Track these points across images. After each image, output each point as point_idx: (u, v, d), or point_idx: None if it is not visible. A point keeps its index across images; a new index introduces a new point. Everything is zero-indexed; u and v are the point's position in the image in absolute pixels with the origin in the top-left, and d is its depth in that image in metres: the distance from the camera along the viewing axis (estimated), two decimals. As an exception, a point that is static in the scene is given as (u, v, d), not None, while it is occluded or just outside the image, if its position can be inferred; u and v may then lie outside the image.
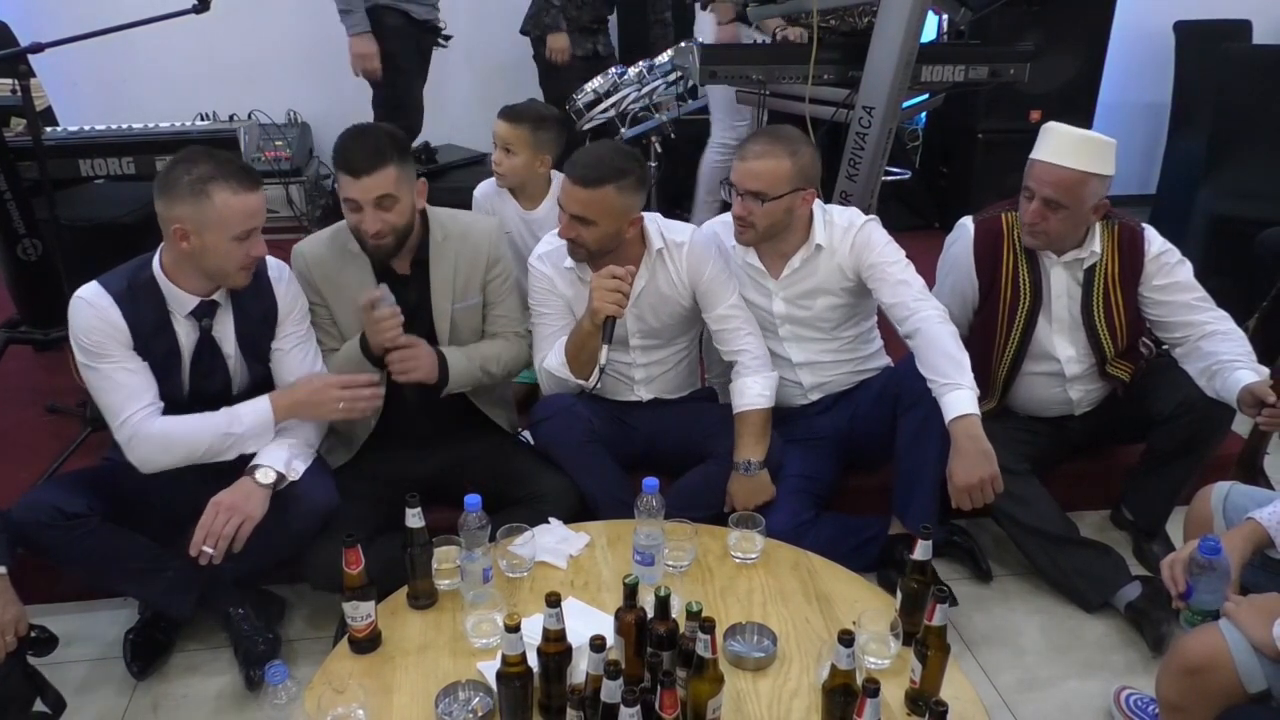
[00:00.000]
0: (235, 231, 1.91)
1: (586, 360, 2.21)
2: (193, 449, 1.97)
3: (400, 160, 2.06)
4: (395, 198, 2.06)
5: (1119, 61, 4.57)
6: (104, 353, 1.94)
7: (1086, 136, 2.19)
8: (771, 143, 2.19)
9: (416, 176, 2.14)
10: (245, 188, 1.91)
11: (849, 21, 3.27)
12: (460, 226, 2.26)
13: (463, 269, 2.24)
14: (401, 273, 2.22)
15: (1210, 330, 2.25)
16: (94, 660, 2.20)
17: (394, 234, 2.09)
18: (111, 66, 4.44)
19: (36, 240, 2.84)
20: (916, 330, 2.16)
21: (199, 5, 2.63)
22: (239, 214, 1.90)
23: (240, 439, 1.99)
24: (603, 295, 2.10)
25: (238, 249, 1.93)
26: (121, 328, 1.95)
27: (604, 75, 3.32)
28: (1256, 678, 1.53)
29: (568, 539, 1.99)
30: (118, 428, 1.95)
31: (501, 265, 2.29)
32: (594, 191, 2.10)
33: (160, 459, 1.97)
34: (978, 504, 2.05)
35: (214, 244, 1.91)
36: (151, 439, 1.95)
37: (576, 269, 2.28)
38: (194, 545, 1.91)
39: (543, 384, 2.36)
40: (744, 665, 1.66)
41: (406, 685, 1.63)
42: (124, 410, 1.94)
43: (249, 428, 1.99)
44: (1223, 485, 1.92)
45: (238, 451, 2.00)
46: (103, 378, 1.95)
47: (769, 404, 2.28)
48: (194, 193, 1.87)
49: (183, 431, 1.97)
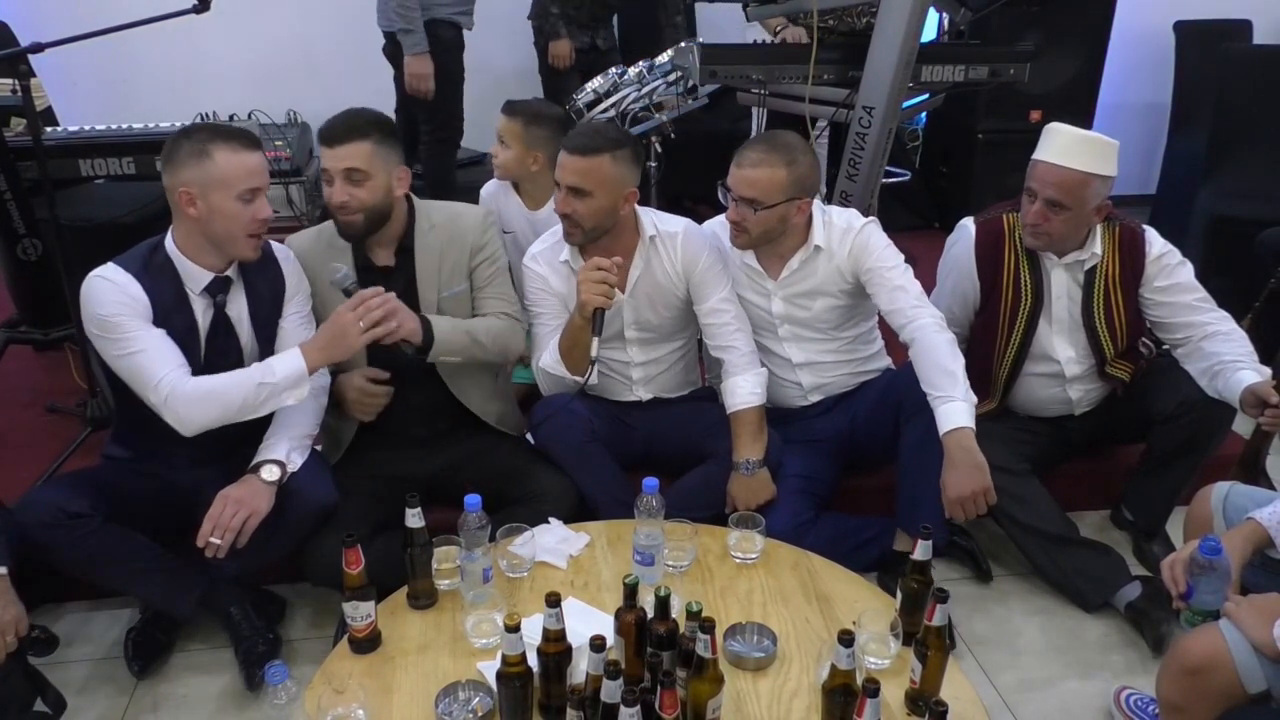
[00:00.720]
0: (238, 189, 1.93)
1: (580, 355, 2.21)
2: (229, 403, 1.95)
3: (379, 139, 2.08)
4: (367, 174, 2.06)
5: (1119, 61, 4.57)
6: (126, 326, 1.94)
7: (1089, 137, 2.19)
8: (769, 151, 2.18)
9: (400, 164, 2.14)
10: (245, 147, 1.95)
11: (847, 21, 3.27)
12: (446, 216, 2.26)
13: (449, 256, 2.23)
14: (384, 264, 2.22)
15: (1212, 331, 2.25)
16: (95, 660, 2.20)
17: (363, 212, 2.10)
18: (112, 66, 4.44)
19: (36, 240, 2.85)
20: (913, 339, 2.16)
21: (199, 5, 2.62)
22: (241, 171, 1.93)
23: (275, 389, 1.97)
24: (590, 287, 2.10)
25: (243, 211, 1.94)
26: (142, 300, 1.96)
27: (604, 75, 3.32)
28: (1257, 678, 1.53)
29: (568, 539, 1.99)
30: (154, 390, 1.93)
31: (488, 250, 2.28)
32: (590, 160, 2.12)
33: (198, 415, 1.95)
34: (970, 516, 2.06)
35: (219, 204, 1.93)
36: (189, 395, 1.93)
37: (570, 262, 2.28)
38: (201, 536, 1.91)
39: (541, 384, 2.37)
40: (744, 665, 1.66)
41: (406, 685, 1.63)
42: (157, 373, 1.93)
43: (283, 378, 1.97)
44: (1223, 485, 1.92)
45: (274, 404, 1.99)
46: (129, 349, 1.94)
47: (761, 401, 2.28)
48: (197, 155, 1.91)
49: (219, 386, 1.96)
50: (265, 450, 2.04)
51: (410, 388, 2.26)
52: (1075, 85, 4.26)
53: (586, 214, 2.16)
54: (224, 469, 2.03)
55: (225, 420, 1.97)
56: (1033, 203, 2.21)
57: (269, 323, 2.12)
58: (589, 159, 2.12)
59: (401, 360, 2.17)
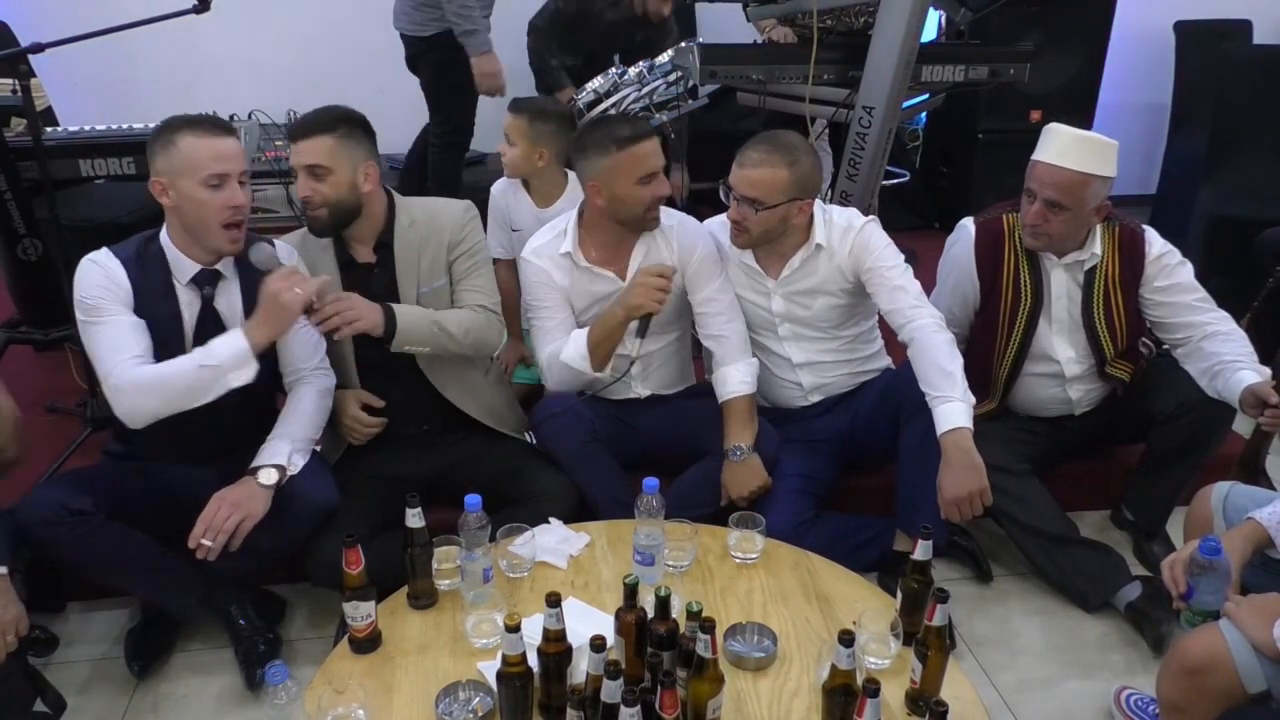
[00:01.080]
0: (203, 174, 1.92)
1: (607, 352, 2.24)
2: (172, 388, 1.93)
3: (343, 135, 2.08)
4: (328, 169, 2.07)
5: (1119, 61, 4.57)
6: (102, 309, 1.96)
7: (1088, 138, 2.19)
8: (771, 151, 2.18)
9: (369, 159, 2.13)
10: (210, 133, 1.95)
11: (846, 21, 3.27)
12: (426, 212, 2.26)
13: (428, 251, 2.24)
14: (365, 260, 2.23)
15: (1212, 331, 2.25)
16: (94, 660, 2.20)
17: (326, 207, 2.11)
18: (112, 67, 4.44)
19: (37, 240, 2.84)
20: (912, 339, 2.16)
21: (199, 5, 2.63)
22: (205, 155, 1.92)
23: (218, 371, 1.93)
24: (649, 293, 2.14)
25: (213, 198, 1.94)
26: (124, 286, 1.98)
27: (604, 75, 3.33)
28: (1257, 678, 1.53)
29: (568, 539, 1.99)
30: (104, 380, 1.94)
31: (466, 243, 2.27)
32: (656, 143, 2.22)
33: (142, 405, 1.93)
34: (965, 517, 2.05)
35: (186, 190, 1.93)
36: (133, 384, 1.92)
37: (573, 255, 2.29)
38: (193, 537, 1.91)
39: (552, 377, 2.34)
40: (744, 665, 1.66)
41: (407, 685, 1.63)
42: (111, 361, 1.94)
43: (225, 359, 1.93)
44: (1223, 485, 1.92)
45: (221, 387, 1.94)
46: (96, 333, 1.96)
47: (751, 389, 2.29)
48: (164, 144, 1.94)
49: (161, 373, 1.94)
50: (266, 453, 2.04)
51: (393, 388, 2.27)
52: (1075, 85, 4.25)
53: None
54: (225, 468, 2.03)
55: (173, 408, 1.94)
56: (1032, 203, 2.22)
57: None
58: (654, 138, 2.20)
59: (384, 356, 2.17)
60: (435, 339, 2.18)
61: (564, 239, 2.31)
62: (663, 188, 2.23)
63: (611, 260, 2.33)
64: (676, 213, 2.38)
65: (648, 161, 2.19)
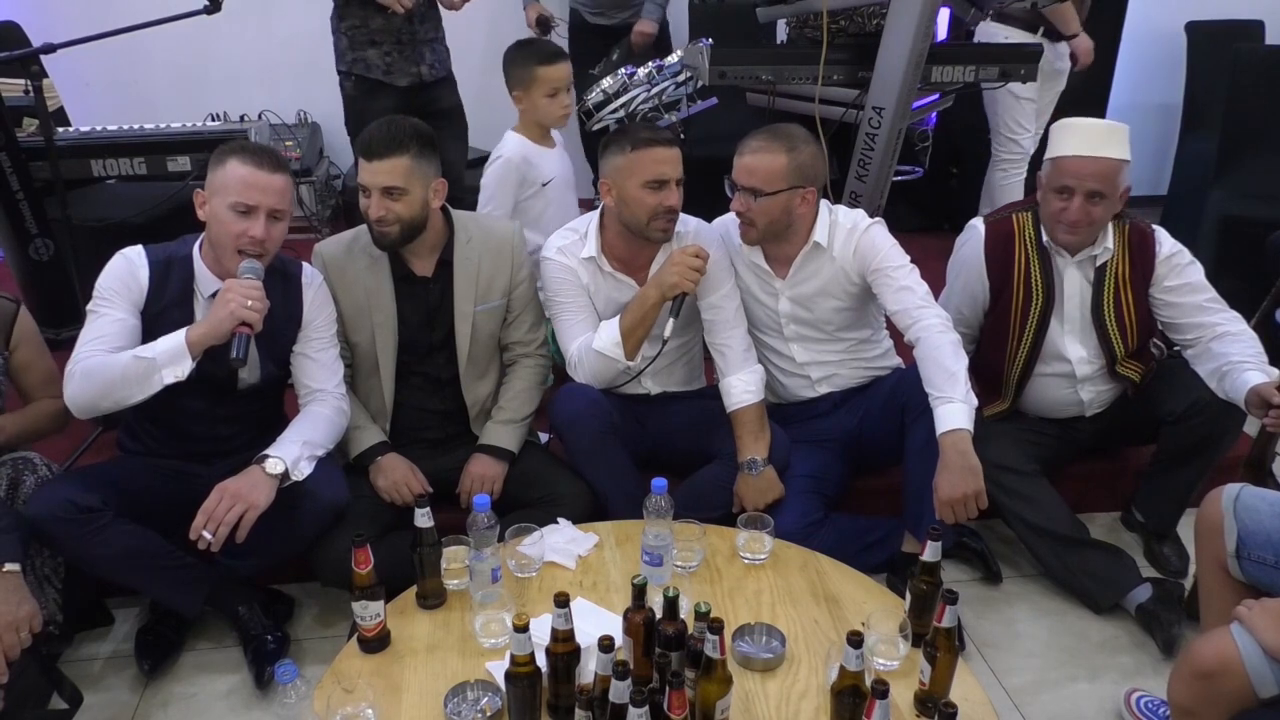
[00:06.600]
0: (233, 199, 1.94)
1: (641, 337, 2.25)
2: (106, 378, 1.90)
3: (418, 154, 2.08)
4: (404, 190, 2.07)
5: (1130, 62, 4.56)
6: (108, 301, 1.99)
7: (1108, 124, 2.22)
8: (769, 139, 2.19)
9: (437, 175, 2.15)
10: (257, 163, 1.96)
11: (858, 23, 3.27)
12: (481, 229, 2.28)
13: (485, 270, 2.25)
14: (423, 274, 2.23)
15: (1222, 331, 2.24)
16: (105, 659, 2.21)
17: (399, 224, 2.11)
18: (123, 67, 4.46)
19: (49, 240, 2.87)
20: (918, 339, 2.16)
21: (210, 6, 2.64)
22: (239, 181, 1.94)
23: (152, 364, 1.90)
24: (685, 272, 2.16)
25: (235, 222, 1.95)
26: (142, 286, 2.01)
27: (614, 76, 3.32)
28: (1268, 683, 1.52)
29: (576, 539, 1.99)
30: (69, 365, 1.94)
31: (527, 270, 2.32)
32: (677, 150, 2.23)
33: (81, 391, 1.92)
34: (960, 519, 2.04)
35: (216, 210, 1.96)
36: (81, 371, 1.92)
37: (597, 259, 2.29)
38: (194, 529, 1.89)
39: (584, 368, 2.30)
40: (752, 666, 1.66)
41: (415, 685, 1.64)
42: (81, 348, 1.95)
43: (159, 352, 1.90)
44: (1233, 487, 1.90)
45: (156, 381, 1.90)
46: (89, 322, 1.99)
47: (758, 398, 2.29)
48: (217, 161, 1.98)
49: (102, 361, 1.93)
50: (276, 446, 2.02)
51: (429, 396, 2.29)
52: (1086, 86, 4.23)
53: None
54: (234, 468, 2.02)
55: (109, 399, 1.91)
56: (1069, 200, 2.20)
57: (275, 342, 2.11)
58: (675, 148, 2.21)
59: (436, 368, 2.22)
60: (526, 424, 2.33)
61: (585, 242, 2.31)
62: (672, 198, 2.20)
63: (631, 268, 2.33)
64: (692, 219, 2.37)
65: (659, 167, 2.17)
